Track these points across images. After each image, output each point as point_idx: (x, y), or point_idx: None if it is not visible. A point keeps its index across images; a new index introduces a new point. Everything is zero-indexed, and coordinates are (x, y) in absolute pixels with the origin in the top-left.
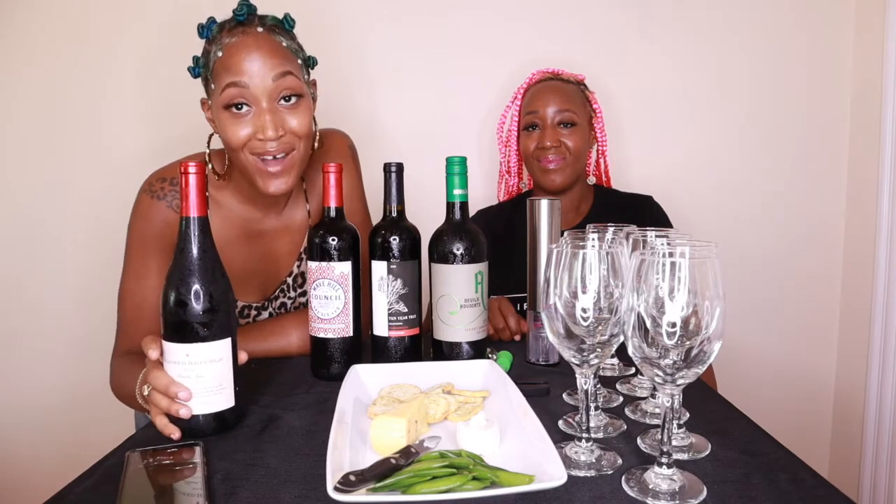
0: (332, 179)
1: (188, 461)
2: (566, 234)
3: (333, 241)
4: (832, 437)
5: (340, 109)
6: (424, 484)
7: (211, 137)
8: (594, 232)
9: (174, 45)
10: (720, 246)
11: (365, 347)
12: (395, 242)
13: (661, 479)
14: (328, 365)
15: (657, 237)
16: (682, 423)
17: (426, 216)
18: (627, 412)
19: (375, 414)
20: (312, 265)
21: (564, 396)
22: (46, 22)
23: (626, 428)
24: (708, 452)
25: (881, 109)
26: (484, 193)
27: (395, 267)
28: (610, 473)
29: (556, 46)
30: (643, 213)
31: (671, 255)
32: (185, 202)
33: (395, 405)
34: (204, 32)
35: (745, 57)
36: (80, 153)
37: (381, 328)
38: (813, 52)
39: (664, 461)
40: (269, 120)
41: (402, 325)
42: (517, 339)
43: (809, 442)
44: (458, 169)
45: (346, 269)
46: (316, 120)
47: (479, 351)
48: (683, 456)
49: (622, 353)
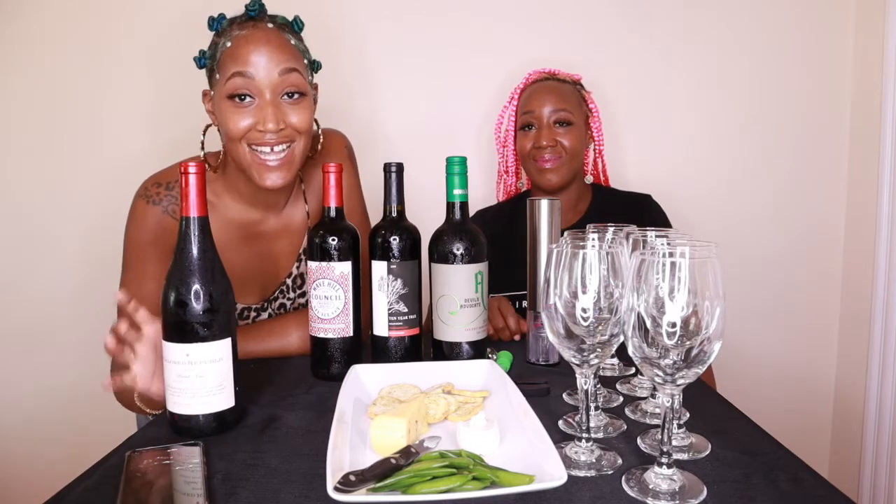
0: (332, 179)
1: (188, 461)
2: (566, 234)
3: (333, 241)
4: (832, 437)
5: (341, 109)
6: (424, 484)
7: (206, 132)
8: (594, 232)
9: (175, 46)
10: (720, 246)
11: (365, 347)
12: (395, 242)
13: (661, 479)
14: (328, 365)
15: (657, 237)
16: (682, 423)
17: (426, 216)
18: (627, 412)
19: (375, 414)
20: (312, 265)
21: (564, 396)
22: (47, 23)
23: (626, 428)
24: (708, 452)
25: (881, 109)
26: (483, 194)
27: (395, 267)
28: (610, 473)
29: (555, 46)
30: (641, 211)
31: (671, 255)
32: (185, 202)
33: (395, 405)
34: (214, 25)
35: (745, 57)
36: (80, 154)
37: (381, 328)
38: (813, 52)
39: (664, 461)
40: (271, 112)
41: (402, 325)
42: (517, 339)
43: (809, 442)
44: (458, 169)
45: (346, 269)
46: (318, 122)
47: (479, 351)
48: (683, 456)
49: (622, 353)
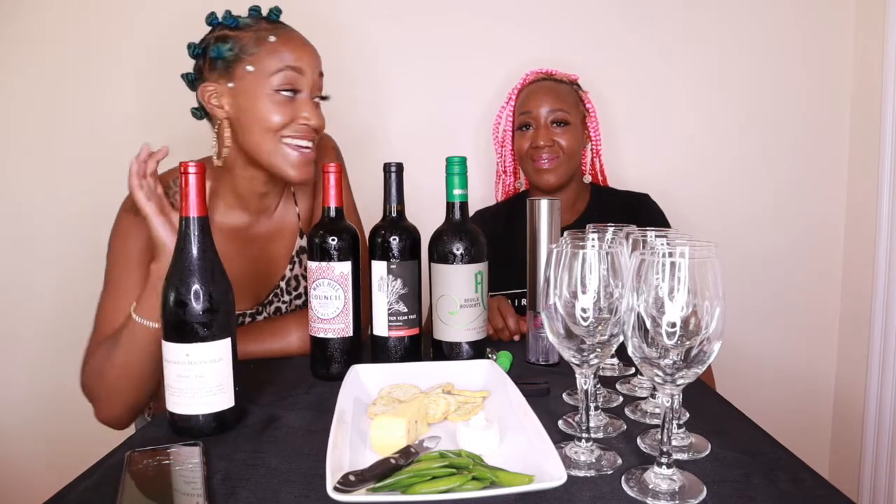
0: (331, 179)
1: (188, 461)
2: (566, 234)
3: (333, 241)
4: (832, 437)
5: (341, 109)
6: (424, 484)
7: (218, 130)
8: (594, 232)
9: (176, 46)
10: (720, 246)
11: (365, 347)
12: (394, 242)
13: (660, 479)
14: (328, 365)
15: (657, 237)
16: (681, 423)
17: (426, 216)
18: (627, 412)
19: (375, 414)
20: (312, 265)
21: (564, 396)
22: (47, 23)
23: (625, 428)
24: (708, 452)
25: (881, 109)
26: (483, 194)
27: (394, 267)
28: (610, 473)
29: (555, 46)
30: (640, 211)
31: (671, 255)
32: (185, 202)
33: (394, 405)
34: (231, 20)
35: (745, 57)
36: (79, 154)
37: (380, 328)
38: (813, 52)
39: (664, 461)
40: (313, 108)
41: (401, 325)
42: (517, 339)
43: (809, 442)
44: (457, 169)
45: (346, 269)
46: None
47: (478, 351)
48: (683, 456)
49: (622, 353)
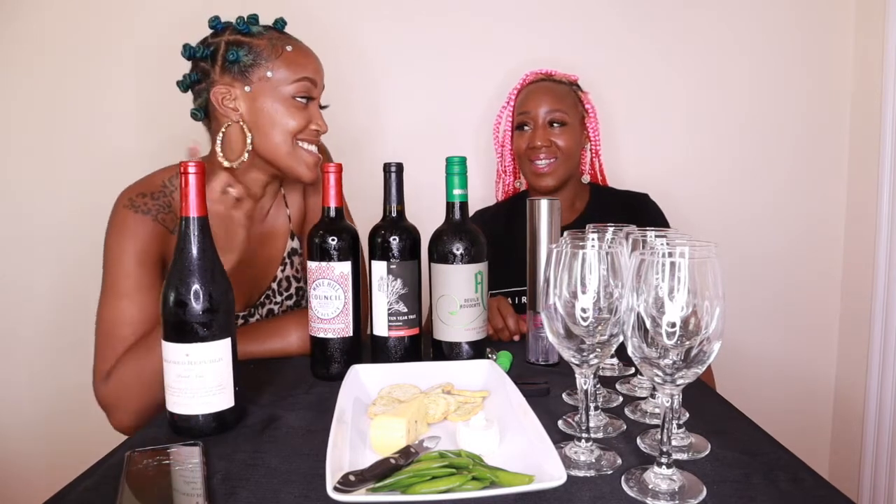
0: (331, 179)
1: (188, 461)
2: (566, 234)
3: (333, 241)
4: (832, 437)
5: (341, 109)
6: (424, 484)
7: (232, 127)
8: (594, 232)
9: (176, 46)
10: (720, 246)
11: (365, 347)
12: (394, 242)
13: (660, 479)
14: (328, 365)
15: (657, 237)
16: (681, 423)
17: (426, 216)
18: (627, 412)
19: (375, 414)
20: (312, 265)
21: (564, 396)
22: (47, 23)
23: (625, 428)
24: (707, 452)
25: (881, 109)
26: (483, 194)
27: (394, 267)
28: (609, 473)
29: (555, 46)
30: (639, 210)
31: (671, 255)
32: (185, 202)
33: (394, 405)
34: (244, 27)
35: (745, 57)
36: (80, 154)
37: (380, 328)
38: (813, 52)
39: (664, 461)
40: (321, 115)
41: (401, 325)
42: (516, 339)
43: (809, 442)
44: (457, 169)
45: (345, 269)
46: None
47: (478, 351)
48: (683, 456)
49: (622, 353)
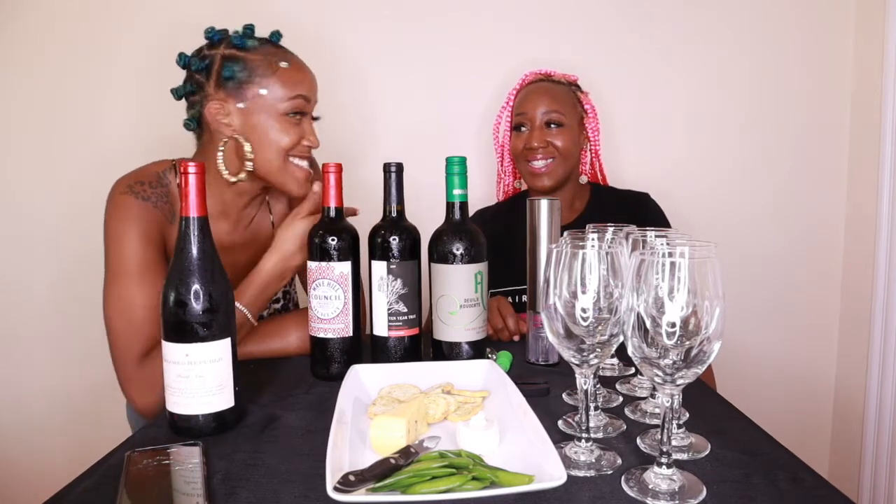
0: (332, 179)
1: (188, 461)
2: (566, 234)
3: (333, 241)
4: (832, 437)
5: (341, 110)
6: (424, 484)
7: (231, 143)
8: (594, 232)
9: (175, 47)
10: (720, 246)
11: (365, 347)
12: (394, 242)
13: (660, 479)
14: (328, 365)
15: (657, 237)
16: (681, 423)
17: (426, 216)
18: (627, 412)
19: (375, 414)
20: (312, 265)
21: (564, 396)
22: (47, 23)
23: (625, 428)
24: (707, 452)
25: (881, 109)
26: (482, 194)
27: (394, 267)
28: (609, 473)
29: (555, 47)
30: (639, 210)
31: (671, 255)
32: (185, 202)
33: (394, 405)
34: (240, 41)
35: (745, 57)
36: (80, 154)
37: (380, 328)
38: (813, 52)
39: (664, 461)
40: (314, 130)
41: (401, 325)
42: (516, 339)
43: (809, 442)
44: (457, 169)
45: (345, 269)
46: None
47: (478, 351)
48: (683, 456)
49: (622, 353)
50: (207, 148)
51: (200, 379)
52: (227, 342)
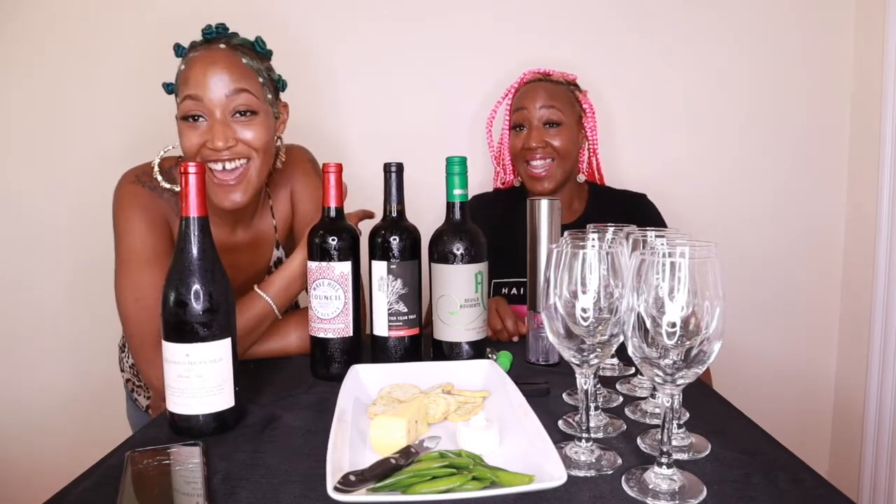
0: (332, 179)
1: (188, 461)
2: (566, 234)
3: (333, 241)
4: (832, 437)
5: (340, 109)
6: (424, 484)
7: (165, 152)
8: (594, 232)
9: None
10: (720, 246)
11: (365, 347)
12: (394, 242)
13: (660, 479)
14: (328, 365)
15: (657, 237)
16: (681, 423)
17: (426, 216)
18: (627, 412)
19: (375, 414)
20: (312, 265)
21: (564, 396)
22: (47, 23)
23: (626, 428)
24: (708, 452)
25: (881, 109)
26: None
27: (394, 267)
28: (610, 473)
29: (555, 46)
30: (637, 211)
31: (671, 255)
32: (184, 202)
33: (394, 405)
34: (178, 51)
35: (744, 57)
36: (79, 154)
37: (380, 328)
38: (813, 52)
39: (664, 461)
40: (219, 130)
41: (401, 325)
42: (515, 339)
43: (809, 442)
44: (457, 169)
45: (345, 269)
46: (282, 139)
47: (478, 351)
48: (683, 456)
49: (622, 353)
50: None
51: (200, 379)
52: (227, 342)
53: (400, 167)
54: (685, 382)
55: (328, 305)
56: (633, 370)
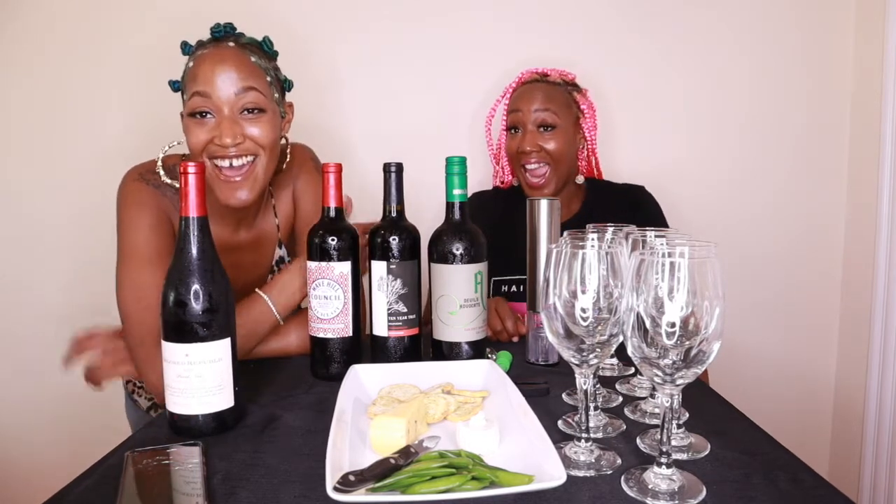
0: (331, 179)
1: (188, 461)
2: (566, 234)
3: (333, 241)
4: (832, 437)
5: (340, 109)
6: (424, 484)
7: (169, 147)
8: (594, 232)
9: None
10: (720, 246)
11: (364, 347)
12: (394, 242)
13: (660, 479)
14: (328, 365)
15: (656, 237)
16: (681, 423)
17: (426, 216)
18: (627, 412)
19: (375, 414)
20: (312, 265)
21: (564, 396)
22: (47, 23)
23: (625, 428)
24: (707, 452)
25: (881, 109)
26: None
27: (394, 267)
28: (609, 473)
29: (555, 46)
30: (635, 203)
31: (671, 255)
32: (184, 202)
33: (394, 405)
34: (186, 49)
35: (744, 57)
36: (79, 154)
37: (380, 328)
38: (813, 52)
39: (663, 461)
40: (227, 126)
41: (401, 325)
42: (515, 340)
43: (809, 442)
44: (457, 169)
45: (345, 269)
46: (288, 138)
47: (478, 351)
48: (683, 456)
49: (622, 353)
50: None
51: (200, 379)
52: (226, 342)
53: (399, 167)
54: (684, 382)
55: (328, 305)
56: (632, 370)
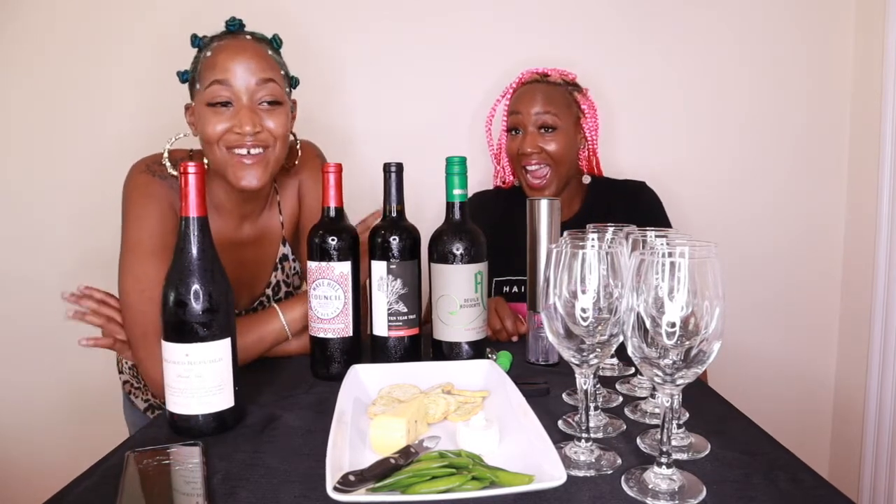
0: (331, 179)
1: (188, 461)
2: (566, 233)
3: (333, 241)
4: (832, 437)
5: (340, 108)
6: (424, 484)
7: (175, 139)
8: (594, 232)
9: (176, 46)
10: (720, 246)
11: (365, 347)
12: (394, 242)
13: (660, 479)
14: (328, 365)
15: (657, 237)
16: (681, 423)
17: (426, 216)
18: (627, 412)
19: (375, 414)
20: (312, 265)
21: (564, 396)
22: (48, 23)
23: (625, 428)
24: (707, 452)
25: (881, 109)
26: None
27: (394, 267)
28: (609, 473)
29: (554, 46)
30: (636, 199)
31: (671, 255)
32: (184, 202)
33: (394, 405)
34: (196, 42)
35: (744, 57)
36: (80, 154)
37: (380, 328)
38: (813, 52)
39: (664, 461)
40: (247, 115)
41: (401, 325)
42: (515, 339)
43: (809, 442)
44: (457, 169)
45: (345, 269)
46: (295, 134)
47: (478, 351)
48: (683, 456)
49: (622, 353)
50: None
51: (200, 379)
52: (226, 342)
53: (400, 167)
54: (685, 382)
55: (328, 305)
56: (632, 370)
